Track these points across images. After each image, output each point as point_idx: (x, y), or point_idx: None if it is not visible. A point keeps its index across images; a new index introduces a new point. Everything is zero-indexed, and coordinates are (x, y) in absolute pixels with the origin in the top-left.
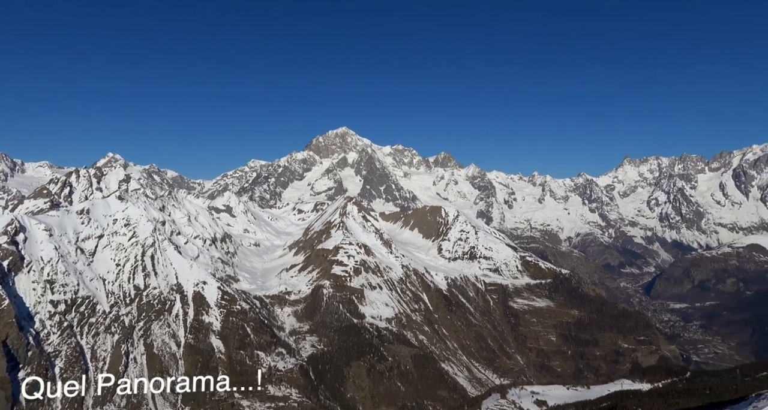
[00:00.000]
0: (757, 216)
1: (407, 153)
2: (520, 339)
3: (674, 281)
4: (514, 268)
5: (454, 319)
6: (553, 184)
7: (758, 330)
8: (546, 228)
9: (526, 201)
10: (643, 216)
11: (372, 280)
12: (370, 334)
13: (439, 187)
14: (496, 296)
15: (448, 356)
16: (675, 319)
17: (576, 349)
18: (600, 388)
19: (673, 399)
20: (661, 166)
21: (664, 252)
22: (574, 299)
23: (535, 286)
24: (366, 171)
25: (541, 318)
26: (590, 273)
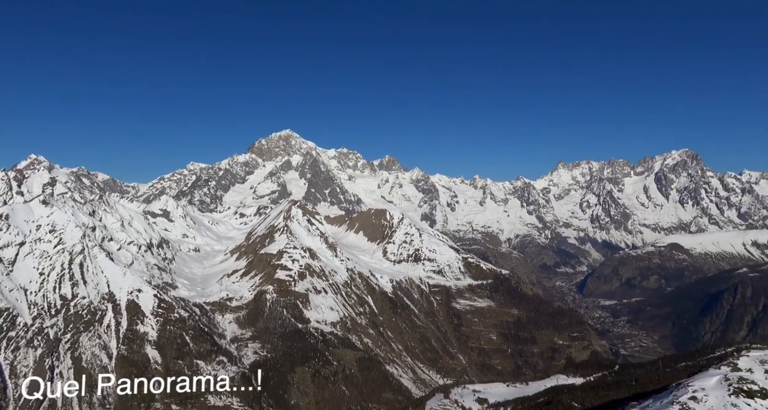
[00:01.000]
0: (676, 217)
1: (352, 156)
2: (462, 339)
3: (604, 279)
4: (457, 270)
5: (399, 321)
6: (494, 187)
7: (677, 324)
8: (487, 230)
9: (468, 203)
10: (576, 218)
11: (317, 284)
12: (315, 339)
13: (384, 190)
14: (440, 297)
15: (393, 358)
16: (605, 315)
17: (515, 347)
18: (537, 384)
19: (603, 391)
20: (591, 170)
21: (595, 251)
22: (513, 298)
23: (477, 287)
24: (311, 174)
25: (482, 317)
26: (528, 273)
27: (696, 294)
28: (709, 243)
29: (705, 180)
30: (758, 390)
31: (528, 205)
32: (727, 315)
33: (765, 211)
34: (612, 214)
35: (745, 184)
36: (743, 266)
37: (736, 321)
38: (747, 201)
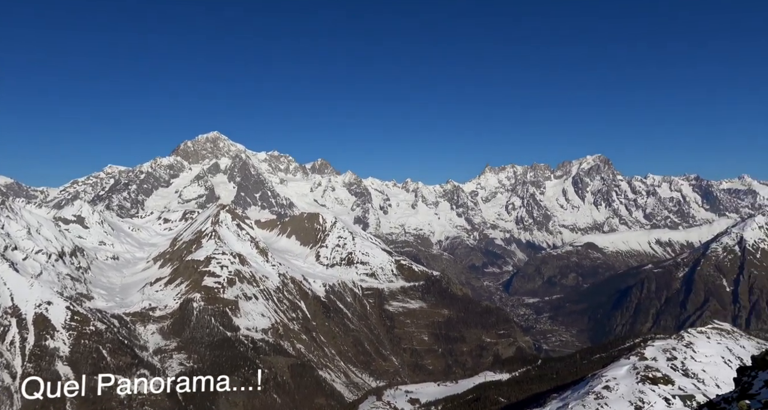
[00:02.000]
0: (591, 218)
1: (283, 159)
2: (395, 340)
3: (528, 278)
4: (389, 272)
5: (332, 325)
6: (425, 191)
7: (593, 318)
8: (419, 232)
9: (401, 207)
10: (502, 220)
11: (247, 291)
12: (245, 347)
13: (317, 194)
14: (373, 300)
15: (326, 363)
16: (529, 313)
17: (446, 347)
18: (467, 382)
19: (527, 385)
20: (516, 173)
21: (520, 252)
22: (444, 299)
23: (409, 289)
24: (240, 177)
25: (414, 319)
26: (458, 274)
27: (609, 289)
28: (620, 242)
29: (615, 183)
30: (661, 377)
31: (457, 208)
32: (635, 309)
33: (666, 212)
34: (535, 216)
35: (649, 186)
36: (648, 263)
37: (642, 313)
38: (651, 202)
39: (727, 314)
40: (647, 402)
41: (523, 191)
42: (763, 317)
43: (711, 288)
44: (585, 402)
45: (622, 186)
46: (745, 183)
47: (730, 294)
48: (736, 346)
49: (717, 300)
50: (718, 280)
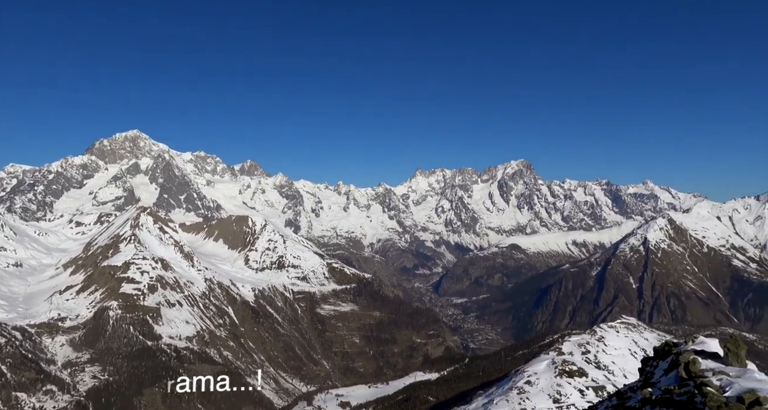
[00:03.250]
0: (515, 221)
1: (210, 160)
2: (326, 344)
3: (456, 279)
4: (321, 275)
5: (261, 331)
6: (357, 193)
7: (516, 317)
8: (351, 235)
9: (332, 209)
10: (432, 222)
11: (170, 297)
12: (168, 356)
13: (246, 196)
14: (304, 304)
15: (254, 370)
16: (457, 313)
17: (377, 348)
18: (397, 383)
19: (455, 383)
20: (445, 177)
21: (449, 253)
22: (375, 301)
23: (341, 291)
24: (163, 179)
25: (346, 321)
26: (390, 276)
27: (531, 289)
28: (541, 244)
29: (537, 187)
30: (577, 370)
31: (389, 211)
32: (554, 306)
33: (581, 215)
34: (463, 219)
35: (567, 191)
36: (566, 263)
37: (561, 310)
38: (568, 206)
39: (633, 309)
40: (564, 394)
41: (452, 194)
42: (663, 311)
43: (620, 286)
44: (509, 397)
45: (543, 190)
46: (648, 188)
47: (636, 290)
48: (641, 339)
49: (625, 297)
50: (626, 278)
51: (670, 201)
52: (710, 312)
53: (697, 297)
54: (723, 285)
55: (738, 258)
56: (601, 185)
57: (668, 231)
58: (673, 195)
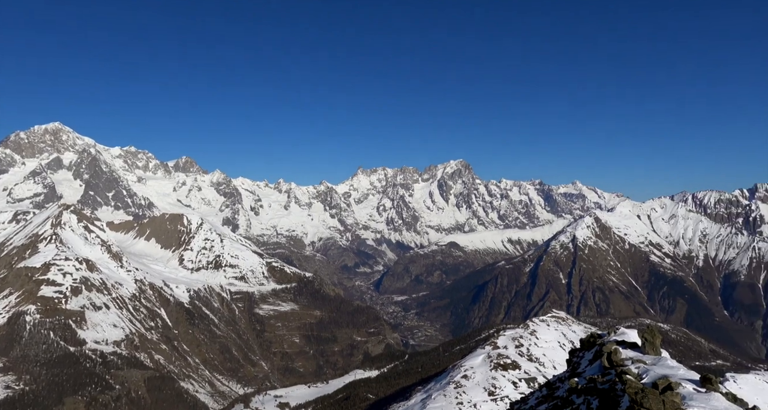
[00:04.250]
0: (454, 219)
1: (142, 156)
2: (265, 344)
3: (397, 277)
4: (260, 275)
5: (196, 333)
6: (298, 191)
7: (455, 313)
8: (291, 233)
9: (273, 207)
10: (374, 221)
11: (96, 300)
12: (92, 362)
13: (181, 194)
14: (242, 304)
15: (188, 373)
16: (398, 310)
17: (317, 348)
18: (337, 381)
19: (395, 380)
20: (387, 176)
21: (390, 252)
22: (316, 300)
23: (281, 291)
24: (89, 174)
25: (286, 321)
26: (331, 275)
27: (468, 285)
28: (478, 241)
29: (475, 186)
30: (511, 363)
31: (331, 209)
32: (490, 302)
33: (516, 213)
34: (404, 217)
35: (503, 190)
36: (502, 259)
37: (496, 306)
38: (504, 205)
39: (563, 303)
40: (498, 387)
41: (394, 193)
42: (590, 304)
43: (551, 281)
44: (446, 391)
45: (481, 189)
46: (577, 188)
47: (565, 285)
48: (569, 331)
49: (555, 292)
50: (557, 274)
51: (596, 200)
52: (631, 304)
53: (619, 291)
54: (642, 279)
55: (655, 253)
56: (534, 185)
57: (594, 229)
58: (599, 194)
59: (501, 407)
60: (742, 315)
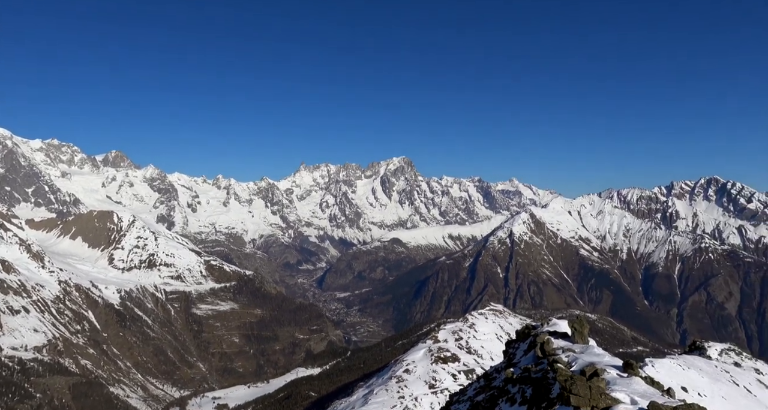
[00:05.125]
0: (396, 216)
1: (66, 149)
2: (203, 345)
3: (340, 273)
4: (198, 274)
5: (128, 335)
6: (238, 188)
7: (397, 308)
8: (231, 231)
9: (211, 204)
10: (316, 218)
11: (14, 303)
12: (9, 370)
13: (111, 190)
14: (179, 304)
15: (119, 378)
16: (340, 307)
17: (258, 347)
18: (278, 381)
19: (337, 377)
20: (330, 172)
21: (333, 248)
22: (257, 299)
23: (220, 290)
24: (4, 169)
25: (225, 321)
26: (272, 273)
27: (410, 281)
28: (420, 237)
29: (417, 183)
30: (451, 356)
31: (272, 206)
32: (432, 297)
33: (457, 210)
34: (347, 214)
35: (444, 187)
36: (443, 255)
37: (437, 300)
38: (445, 201)
39: (500, 296)
40: (439, 379)
41: (337, 190)
42: (525, 297)
43: (489, 275)
44: (388, 386)
45: (423, 186)
46: (514, 185)
47: (503, 279)
48: (506, 323)
49: (493, 285)
50: (495, 268)
51: (531, 197)
52: (562, 296)
53: (552, 284)
54: (572, 272)
55: (584, 247)
56: (474, 182)
57: (530, 224)
58: (534, 191)
59: (441, 399)
60: (660, 304)
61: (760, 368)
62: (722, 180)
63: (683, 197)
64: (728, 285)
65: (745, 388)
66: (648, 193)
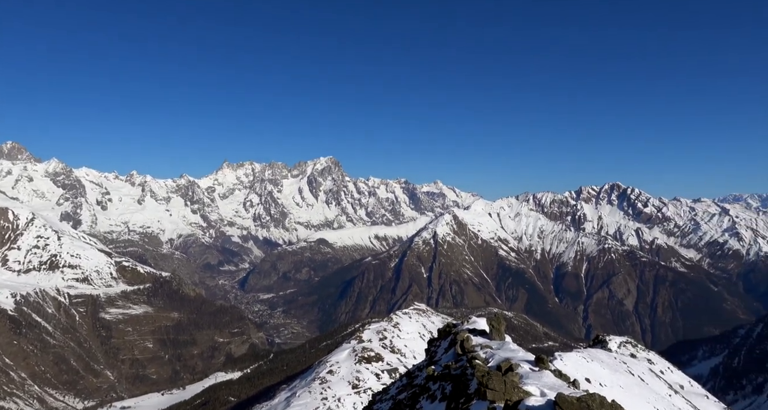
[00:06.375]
0: (323, 216)
1: None
2: (112, 352)
3: (264, 274)
4: (107, 276)
5: (23, 343)
6: (154, 185)
7: (322, 309)
8: (146, 230)
9: (124, 202)
10: (240, 217)
11: None
12: None
13: (5, 184)
14: (85, 309)
15: (11, 390)
16: (263, 308)
17: (174, 352)
18: (195, 386)
19: (258, 380)
20: (255, 170)
21: (257, 249)
22: (174, 301)
23: (133, 293)
24: None
25: (137, 325)
26: (191, 274)
27: (336, 281)
28: (347, 238)
29: (344, 184)
30: (374, 355)
31: (192, 204)
32: (357, 297)
33: (383, 211)
34: (272, 213)
35: (371, 188)
36: (369, 255)
37: (363, 301)
38: (372, 202)
39: (424, 296)
40: (362, 379)
41: (262, 189)
42: (447, 296)
43: (414, 275)
44: (311, 388)
45: (350, 186)
46: (438, 187)
47: (426, 279)
48: (429, 322)
49: (417, 285)
50: (419, 268)
51: (455, 199)
52: (482, 295)
53: (472, 283)
54: (492, 272)
55: (503, 248)
56: (400, 184)
57: (453, 226)
58: (457, 194)
59: (364, 399)
60: (569, 301)
61: (652, 358)
62: (623, 186)
63: (590, 201)
64: (627, 283)
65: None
66: (560, 196)
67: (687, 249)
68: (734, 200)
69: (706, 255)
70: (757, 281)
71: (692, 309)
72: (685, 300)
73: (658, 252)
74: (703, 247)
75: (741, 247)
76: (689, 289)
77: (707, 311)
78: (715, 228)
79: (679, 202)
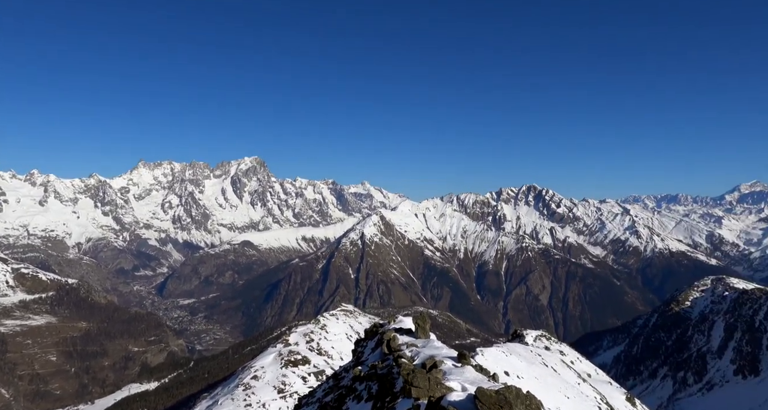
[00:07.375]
0: (248, 217)
1: None
2: (7, 367)
3: (184, 279)
4: (2, 284)
5: None
6: (59, 185)
7: (246, 313)
8: (50, 234)
9: (23, 203)
10: (158, 219)
11: None
12: None
13: None
14: None
15: None
16: (183, 315)
17: (82, 364)
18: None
19: (177, 390)
20: (174, 170)
21: (176, 252)
22: (81, 310)
23: (33, 302)
24: None
25: (39, 337)
26: (103, 280)
27: (262, 284)
28: (273, 239)
29: (270, 185)
30: (301, 358)
31: (104, 206)
32: (283, 300)
33: (311, 212)
34: (193, 215)
35: (298, 189)
36: (296, 257)
37: (289, 303)
38: (299, 203)
39: (351, 297)
40: (288, 383)
41: (182, 189)
42: (374, 296)
43: (341, 277)
44: (234, 395)
45: (276, 187)
46: (366, 188)
47: (354, 280)
48: (356, 323)
49: (345, 286)
50: (347, 269)
51: (382, 200)
52: (408, 294)
53: (399, 283)
54: (418, 272)
55: (428, 248)
56: (328, 184)
57: (380, 226)
58: (384, 195)
59: (290, 403)
60: (490, 298)
61: (564, 350)
62: (539, 187)
63: (509, 202)
64: (542, 279)
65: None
66: (482, 197)
67: (594, 246)
68: (634, 201)
69: (611, 252)
70: (653, 275)
71: (598, 303)
72: (593, 294)
73: (570, 249)
74: (608, 245)
75: (640, 244)
76: (596, 284)
77: (611, 304)
78: (618, 227)
79: (587, 203)
